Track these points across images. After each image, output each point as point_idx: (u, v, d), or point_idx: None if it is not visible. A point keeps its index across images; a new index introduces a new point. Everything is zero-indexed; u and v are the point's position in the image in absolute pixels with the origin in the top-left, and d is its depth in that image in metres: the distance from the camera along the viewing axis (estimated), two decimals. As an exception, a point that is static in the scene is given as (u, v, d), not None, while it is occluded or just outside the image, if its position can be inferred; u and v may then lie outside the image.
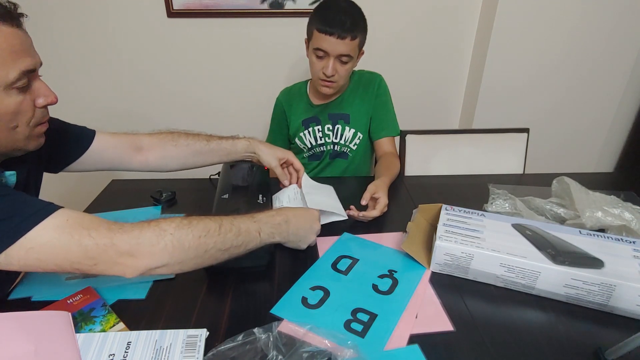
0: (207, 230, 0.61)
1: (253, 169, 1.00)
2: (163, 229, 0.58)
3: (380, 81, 1.23)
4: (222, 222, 0.63)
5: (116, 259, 0.55)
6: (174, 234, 0.58)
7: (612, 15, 1.67)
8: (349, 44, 1.03)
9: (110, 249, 0.54)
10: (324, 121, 1.24)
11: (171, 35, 1.70)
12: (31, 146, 0.65)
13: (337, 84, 1.12)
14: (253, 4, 1.64)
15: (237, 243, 0.64)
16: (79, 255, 0.53)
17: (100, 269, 0.55)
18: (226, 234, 0.62)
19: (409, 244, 0.79)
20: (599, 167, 2.05)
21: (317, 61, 1.09)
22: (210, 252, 0.61)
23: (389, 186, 1.02)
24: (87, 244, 0.53)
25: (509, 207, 0.93)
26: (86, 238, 0.53)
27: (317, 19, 1.04)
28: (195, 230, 0.60)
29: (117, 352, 0.58)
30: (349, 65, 1.09)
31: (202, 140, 0.95)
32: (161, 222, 0.59)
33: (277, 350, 0.57)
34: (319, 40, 1.05)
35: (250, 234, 0.66)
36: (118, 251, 0.55)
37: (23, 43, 0.59)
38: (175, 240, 0.57)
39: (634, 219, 0.83)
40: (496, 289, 0.72)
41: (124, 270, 0.56)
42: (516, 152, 1.31)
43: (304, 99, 1.26)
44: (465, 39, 1.82)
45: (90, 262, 0.54)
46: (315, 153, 1.29)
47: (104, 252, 0.54)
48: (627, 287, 0.63)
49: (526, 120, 1.68)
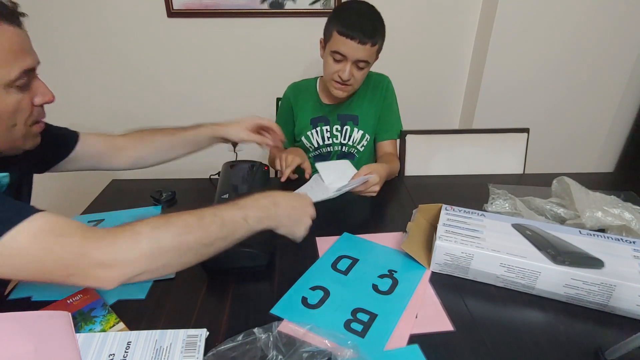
0: (186, 226, 0.56)
1: (253, 169, 1.00)
2: (138, 232, 0.53)
3: (388, 83, 1.23)
4: (203, 215, 0.58)
5: (89, 271, 0.51)
6: (151, 237, 0.53)
7: (612, 15, 1.67)
8: (369, 49, 1.02)
9: (82, 259, 0.50)
10: (333, 122, 1.23)
11: (171, 35, 1.70)
12: (28, 145, 0.65)
13: (352, 87, 1.11)
14: (253, 4, 1.64)
15: (222, 235, 0.59)
16: (50, 265, 0.49)
17: (74, 281, 0.51)
18: (209, 226, 0.58)
19: (409, 244, 0.79)
20: (599, 167, 2.05)
21: (334, 64, 1.07)
22: (194, 249, 0.57)
23: (386, 181, 1.02)
24: (57, 252, 0.49)
25: (509, 207, 0.93)
26: (57, 246, 0.49)
27: (339, 21, 1.01)
28: (174, 229, 0.55)
29: (117, 352, 0.58)
30: (365, 71, 1.08)
31: (168, 134, 0.96)
32: (136, 225, 0.54)
33: (277, 350, 0.57)
34: (338, 43, 1.02)
35: (236, 222, 0.61)
36: (90, 262, 0.50)
37: (24, 42, 0.59)
38: (152, 243, 0.53)
39: (634, 219, 0.83)
40: (496, 289, 0.72)
41: (99, 283, 0.52)
42: (516, 152, 1.31)
43: (313, 97, 1.25)
44: (465, 39, 1.82)
45: (63, 272, 0.50)
46: (322, 153, 1.28)
47: (76, 262, 0.50)
48: (627, 287, 0.63)
49: (526, 120, 1.68)
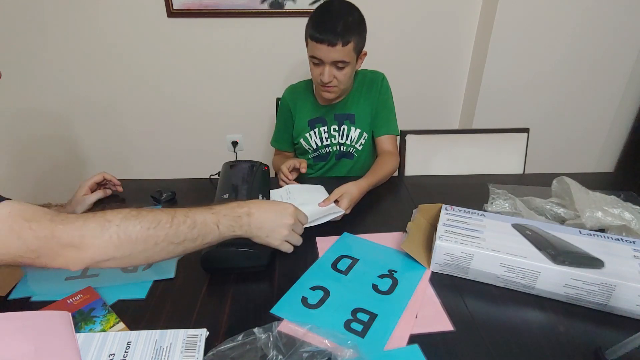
0: (157, 221, 0.58)
1: (253, 169, 1.00)
2: (108, 219, 0.55)
3: (382, 79, 1.23)
4: (175, 214, 0.60)
5: (58, 250, 0.53)
6: (120, 225, 0.55)
7: (612, 15, 1.67)
8: (341, 50, 1.02)
9: (51, 240, 0.52)
10: (330, 122, 1.23)
11: (171, 35, 1.70)
12: None
13: (337, 88, 1.12)
14: (253, 4, 1.64)
15: (191, 236, 0.60)
16: (19, 249, 0.52)
17: (42, 262, 0.54)
18: (179, 226, 0.59)
19: (409, 244, 0.79)
20: (599, 167, 2.06)
21: (314, 68, 1.09)
22: (162, 245, 0.58)
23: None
24: (27, 236, 0.51)
25: (509, 207, 0.93)
26: (26, 230, 0.51)
27: (310, 26, 1.04)
28: (144, 222, 0.57)
29: (117, 352, 0.58)
30: (346, 70, 1.08)
31: None
32: (107, 213, 0.56)
33: (277, 350, 0.57)
34: (312, 48, 1.05)
35: (207, 226, 0.62)
36: (59, 243, 0.53)
37: None
38: (121, 231, 0.55)
39: (634, 219, 0.83)
40: (496, 289, 0.72)
41: (66, 263, 0.54)
42: (516, 152, 1.31)
43: (310, 99, 1.25)
44: (465, 39, 1.82)
45: (32, 254, 0.52)
46: (321, 154, 1.28)
47: (45, 245, 0.52)
48: (627, 287, 0.63)
49: (526, 120, 1.68)
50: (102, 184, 1.02)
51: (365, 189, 0.99)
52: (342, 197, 0.92)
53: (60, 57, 1.69)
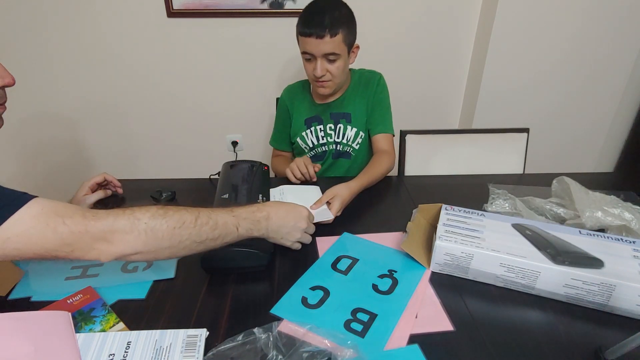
0: (182, 221, 0.61)
1: (253, 169, 1.00)
2: (137, 217, 0.58)
3: (379, 79, 1.23)
4: (199, 215, 0.63)
5: (92, 244, 0.56)
6: (148, 223, 0.58)
7: (612, 15, 1.67)
8: (330, 41, 1.03)
9: (85, 235, 0.55)
10: (326, 120, 1.24)
11: (171, 35, 1.70)
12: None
13: (332, 82, 1.12)
14: (253, 4, 1.64)
15: (213, 236, 0.64)
16: (55, 243, 0.54)
17: (76, 255, 0.56)
18: (202, 226, 0.63)
19: (408, 244, 0.79)
20: (599, 167, 2.06)
21: (307, 64, 1.11)
22: (185, 244, 0.62)
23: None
24: (62, 231, 0.54)
25: (509, 207, 0.93)
26: (61, 226, 0.54)
27: (299, 23, 1.06)
28: (170, 221, 0.60)
29: (117, 352, 0.58)
30: (339, 63, 1.08)
31: None
32: (136, 211, 0.59)
33: (277, 350, 0.57)
34: (302, 43, 1.07)
35: (228, 227, 0.66)
36: (93, 237, 0.56)
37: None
38: (149, 229, 0.58)
39: (634, 219, 0.83)
40: (496, 289, 0.72)
41: (98, 255, 0.57)
42: (516, 152, 1.31)
43: (307, 98, 1.26)
44: (465, 39, 1.82)
45: (67, 248, 0.55)
46: (318, 153, 1.28)
47: (79, 239, 0.55)
48: (627, 287, 0.63)
49: (526, 121, 1.68)
50: (102, 185, 1.03)
51: (356, 191, 0.99)
52: (333, 200, 0.91)
53: (60, 58, 1.69)
